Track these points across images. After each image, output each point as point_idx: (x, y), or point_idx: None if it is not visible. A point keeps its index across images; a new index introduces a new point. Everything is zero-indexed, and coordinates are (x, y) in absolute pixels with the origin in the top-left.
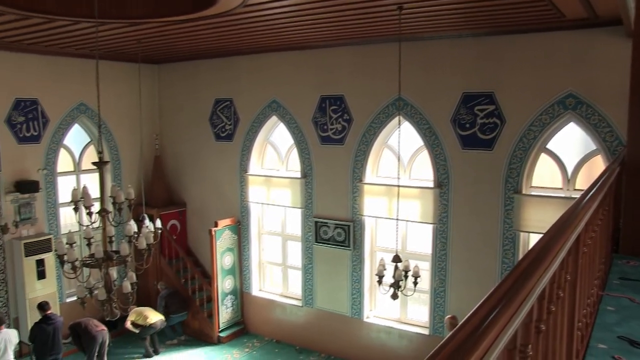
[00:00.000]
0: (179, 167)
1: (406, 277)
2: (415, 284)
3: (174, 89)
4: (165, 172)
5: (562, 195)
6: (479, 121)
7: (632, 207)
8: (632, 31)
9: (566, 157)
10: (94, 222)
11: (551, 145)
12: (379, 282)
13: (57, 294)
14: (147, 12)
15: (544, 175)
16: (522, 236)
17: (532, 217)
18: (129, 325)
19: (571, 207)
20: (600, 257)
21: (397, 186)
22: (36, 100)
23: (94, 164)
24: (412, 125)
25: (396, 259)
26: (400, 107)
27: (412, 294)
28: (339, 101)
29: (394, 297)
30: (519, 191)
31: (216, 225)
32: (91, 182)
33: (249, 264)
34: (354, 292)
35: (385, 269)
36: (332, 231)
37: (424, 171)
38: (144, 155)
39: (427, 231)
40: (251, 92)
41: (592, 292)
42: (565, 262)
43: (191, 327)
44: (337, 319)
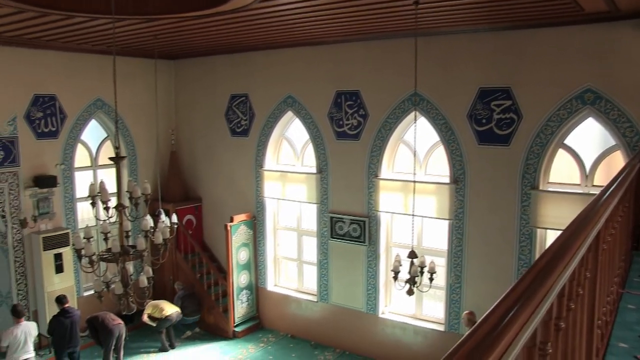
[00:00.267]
0: (194, 163)
1: (422, 273)
2: (431, 280)
3: (190, 85)
4: (181, 168)
5: (580, 191)
6: (496, 116)
7: None
8: None
9: (584, 153)
10: (110, 217)
11: (569, 140)
12: (395, 278)
13: (74, 287)
14: (164, 8)
15: (562, 171)
16: (539, 232)
17: (549, 213)
18: (145, 318)
19: (591, 203)
20: (620, 254)
21: (413, 182)
22: (54, 96)
23: (110, 159)
24: (428, 120)
25: (412, 255)
26: (416, 102)
27: (428, 290)
28: (354, 96)
29: (410, 293)
30: (536, 187)
31: (232, 220)
32: (108, 177)
33: (265, 259)
34: (369, 287)
35: (401, 265)
36: (347, 227)
37: (439, 167)
38: (160, 150)
39: (443, 227)
40: (267, 88)
41: (612, 289)
42: (585, 259)
43: (206, 321)
44: (352, 315)
